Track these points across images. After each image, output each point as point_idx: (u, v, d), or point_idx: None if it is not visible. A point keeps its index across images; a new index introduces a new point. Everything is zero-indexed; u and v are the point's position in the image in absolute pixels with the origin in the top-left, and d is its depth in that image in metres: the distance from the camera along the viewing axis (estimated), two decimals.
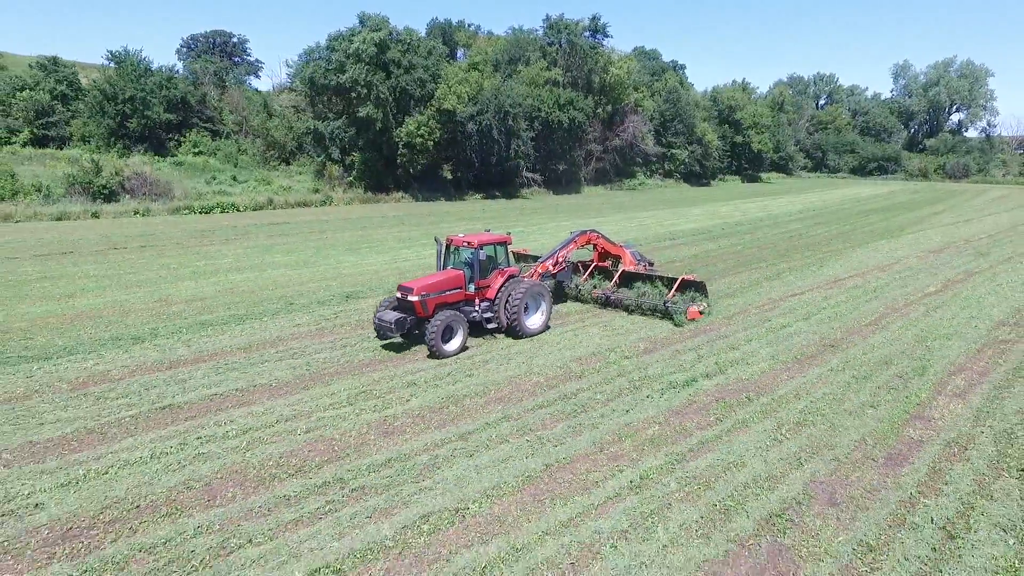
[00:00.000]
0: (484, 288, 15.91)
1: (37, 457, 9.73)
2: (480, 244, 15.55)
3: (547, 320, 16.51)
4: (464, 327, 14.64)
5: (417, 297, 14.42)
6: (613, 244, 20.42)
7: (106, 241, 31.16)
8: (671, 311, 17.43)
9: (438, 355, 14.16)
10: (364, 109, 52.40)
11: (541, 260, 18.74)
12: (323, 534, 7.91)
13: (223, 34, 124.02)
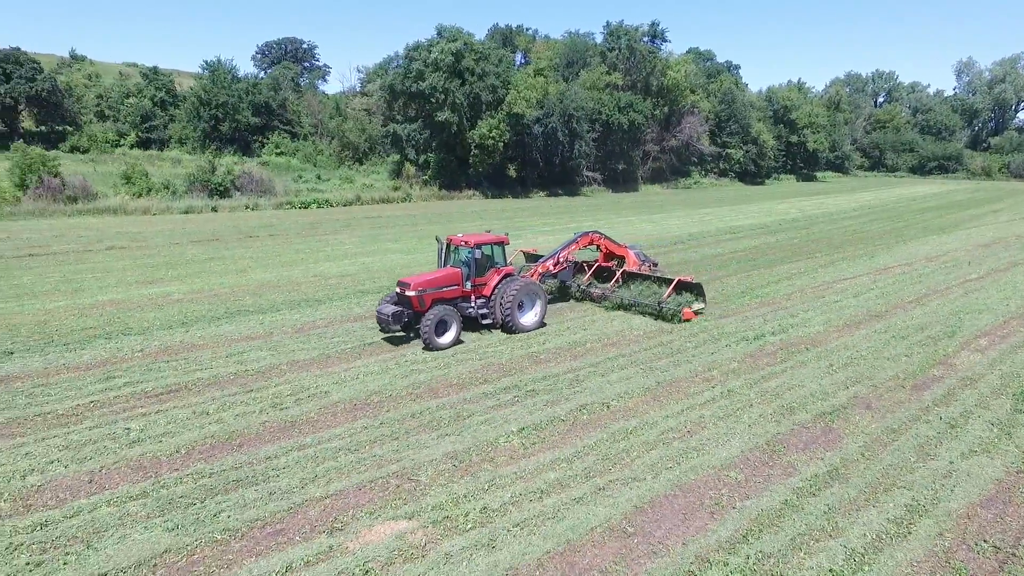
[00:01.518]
0: (481, 286, 16.68)
1: (321, 365, 14.18)
2: (476, 244, 16.27)
3: (542, 317, 17.23)
4: (458, 321, 15.61)
5: (414, 292, 15.41)
6: (617, 245, 21.00)
7: (239, 231, 36.48)
8: (665, 311, 18.02)
9: (431, 347, 15.17)
10: (442, 114, 57.02)
11: (542, 260, 19.63)
12: (518, 412, 12.00)
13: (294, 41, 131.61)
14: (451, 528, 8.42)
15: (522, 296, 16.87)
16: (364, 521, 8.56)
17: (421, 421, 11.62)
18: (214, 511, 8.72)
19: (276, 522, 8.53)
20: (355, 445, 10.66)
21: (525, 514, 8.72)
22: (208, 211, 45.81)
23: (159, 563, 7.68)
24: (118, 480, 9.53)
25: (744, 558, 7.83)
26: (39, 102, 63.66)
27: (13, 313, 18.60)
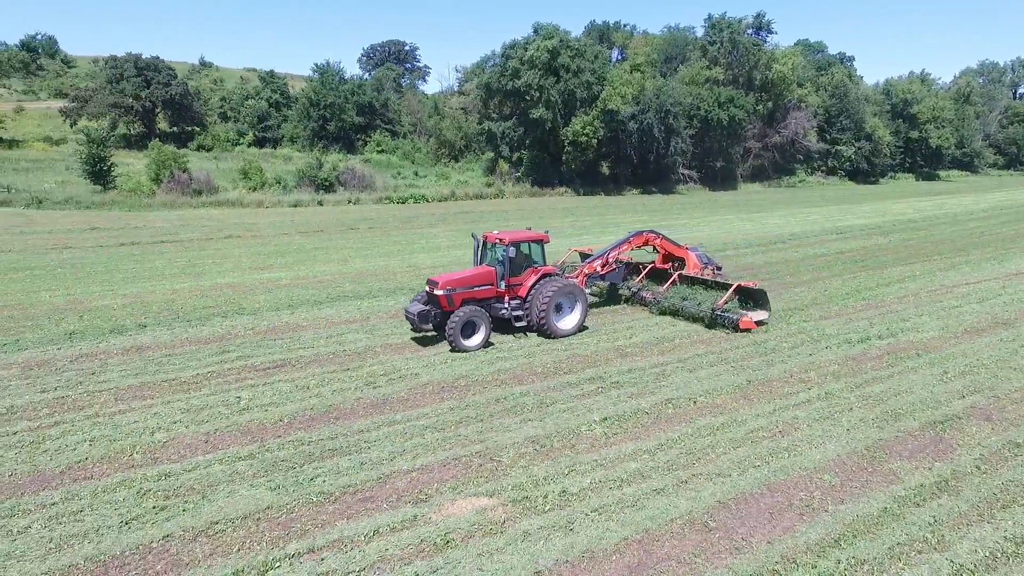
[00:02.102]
0: (516, 286, 15.77)
1: (413, 349, 14.84)
2: (511, 241, 15.47)
3: (582, 321, 16.13)
4: (487, 323, 14.82)
5: (442, 291, 14.78)
6: (677, 246, 19.38)
7: (341, 223, 38.55)
8: (720, 320, 16.41)
9: (458, 349, 14.52)
10: (536, 111, 57.43)
11: (588, 260, 18.40)
12: (601, 402, 11.99)
13: (397, 43, 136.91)
14: (530, 508, 8.58)
15: (560, 297, 15.79)
16: (447, 495, 8.89)
17: (505, 406, 11.86)
18: (311, 475, 9.36)
19: (366, 490, 9.03)
20: (441, 424, 11.06)
21: (604, 500, 8.72)
22: (314, 205, 48.65)
23: (262, 517, 8.35)
24: (230, 442, 10.43)
25: (835, 562, 7.45)
26: (173, 105, 69.99)
27: (147, 292, 20.69)
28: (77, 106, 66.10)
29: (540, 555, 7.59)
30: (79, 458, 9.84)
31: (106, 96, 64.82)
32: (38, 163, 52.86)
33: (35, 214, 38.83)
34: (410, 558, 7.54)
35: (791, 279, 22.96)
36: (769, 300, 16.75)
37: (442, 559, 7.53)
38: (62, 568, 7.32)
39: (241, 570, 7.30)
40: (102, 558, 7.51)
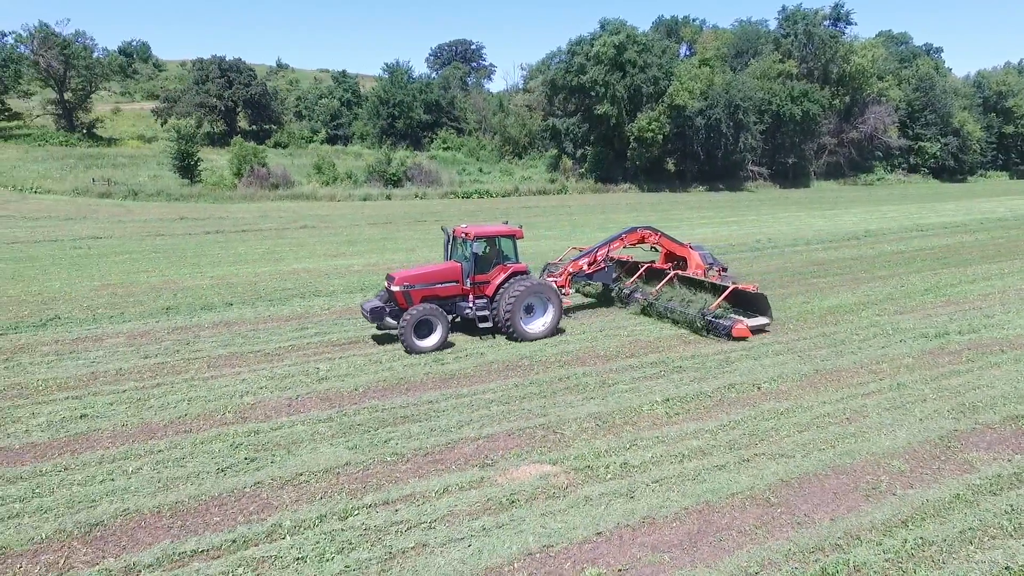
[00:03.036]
0: (483, 284, 14.72)
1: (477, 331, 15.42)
2: (477, 236, 14.44)
3: (555, 324, 14.94)
4: (444, 323, 13.89)
5: (398, 287, 13.97)
6: (677, 244, 18.01)
7: (408, 216, 39.75)
8: (711, 327, 14.90)
9: (411, 351, 13.60)
10: (601, 107, 57.27)
11: (575, 258, 17.20)
12: (663, 384, 12.13)
13: (464, 42, 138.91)
14: (592, 476, 8.87)
15: (529, 298, 14.56)
16: (512, 461, 9.31)
17: (567, 384, 12.18)
18: (385, 438, 9.97)
19: (435, 453, 9.56)
20: (506, 399, 11.50)
21: (664, 473, 8.92)
22: (383, 199, 50.29)
23: (342, 472, 9.00)
24: (310, 406, 11.21)
25: (901, 541, 7.40)
26: (252, 104, 73.61)
27: (231, 275, 22.14)
28: (167, 106, 70.58)
29: (601, 518, 7.88)
30: (179, 414, 10.83)
31: (193, 96, 68.89)
32: (133, 159, 56.84)
33: (131, 205, 41.91)
34: (477, 514, 7.99)
35: (865, 275, 22.19)
36: (770, 306, 15.24)
37: (507, 516, 7.94)
38: (170, 504, 8.17)
39: (324, 515, 7.93)
40: (203, 498, 8.32)
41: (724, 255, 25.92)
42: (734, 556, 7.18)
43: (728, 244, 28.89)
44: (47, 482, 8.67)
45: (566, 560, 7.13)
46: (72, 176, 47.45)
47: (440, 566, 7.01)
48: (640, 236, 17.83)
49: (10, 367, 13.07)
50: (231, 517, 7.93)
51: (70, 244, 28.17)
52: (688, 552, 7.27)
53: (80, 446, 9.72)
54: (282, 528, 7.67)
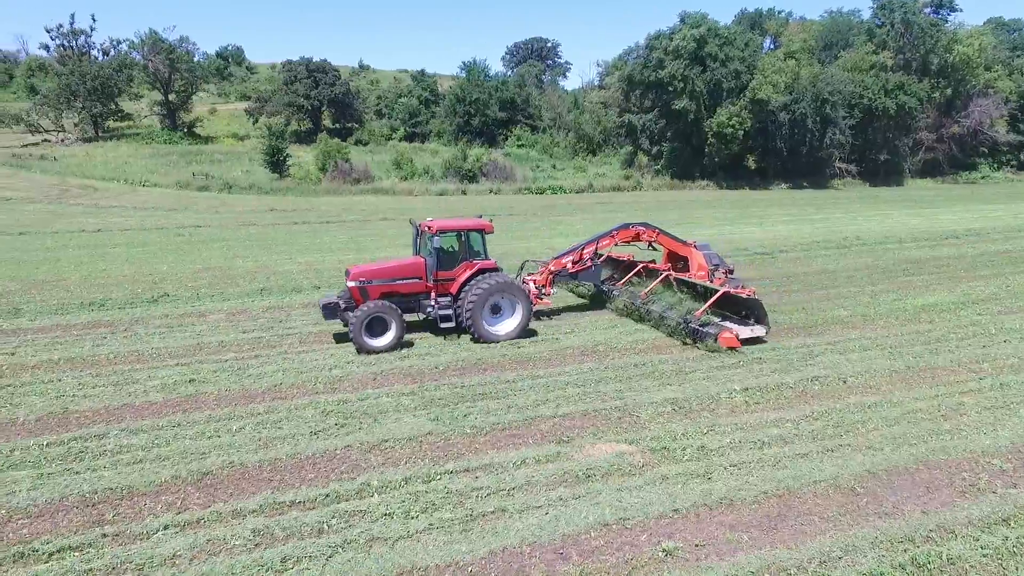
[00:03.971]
0: (447, 281, 13.88)
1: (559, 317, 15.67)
2: (439, 230, 13.65)
3: (523, 327, 13.87)
4: (398, 321, 13.10)
5: (353, 283, 13.44)
6: (678, 242, 16.45)
7: (483, 210, 40.18)
8: (696, 334, 13.37)
9: (363, 350, 12.95)
10: (679, 102, 56.10)
11: (558, 255, 16.06)
12: (743, 374, 11.95)
13: (540, 40, 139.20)
14: (668, 457, 8.90)
15: (494, 297, 13.60)
16: (588, 439, 9.46)
17: (643, 371, 12.20)
18: (464, 412, 10.35)
19: (513, 428, 9.84)
20: (582, 382, 11.65)
21: (743, 458, 8.83)
22: (458, 194, 51.29)
23: (424, 441, 9.43)
24: (393, 381, 11.75)
25: (1001, 539, 7.04)
26: (336, 103, 76.73)
27: (318, 261, 23.34)
28: (258, 106, 74.67)
29: (678, 496, 7.92)
30: (275, 383, 11.63)
31: (282, 97, 72.55)
32: (228, 155, 60.50)
33: (226, 197, 44.72)
34: (554, 485, 8.20)
35: (965, 274, 20.83)
36: (767, 313, 13.52)
37: (584, 489, 8.11)
38: (270, 460, 8.83)
39: (409, 478, 8.37)
40: (298, 457, 8.94)
41: (806, 252, 25.05)
42: (816, 541, 7.06)
43: (811, 240, 27.78)
44: (163, 435, 9.55)
45: (642, 532, 7.23)
46: (175, 171, 51.09)
47: (519, 529, 7.27)
48: (634, 233, 16.30)
49: (128, 337, 14.38)
50: (324, 475, 8.50)
51: (174, 232, 30.45)
52: (767, 533, 7.21)
53: (190, 406, 10.63)
54: (370, 487, 8.15)
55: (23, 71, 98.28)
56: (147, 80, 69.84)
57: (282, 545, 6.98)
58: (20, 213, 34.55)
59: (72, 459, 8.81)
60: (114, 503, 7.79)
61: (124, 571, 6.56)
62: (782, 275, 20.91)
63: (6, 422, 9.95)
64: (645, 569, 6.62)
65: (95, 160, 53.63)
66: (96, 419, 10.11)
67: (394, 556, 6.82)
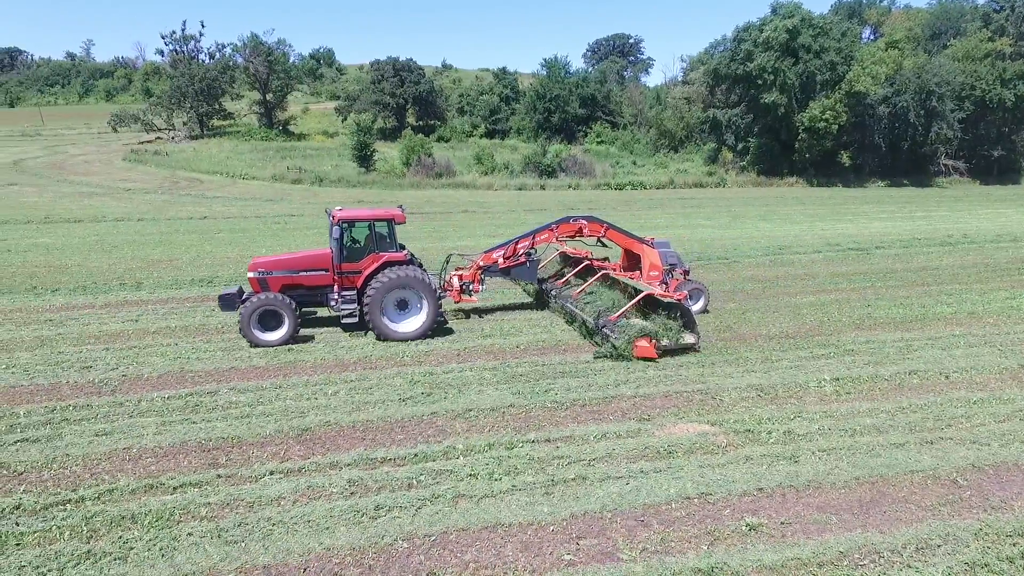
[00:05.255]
0: (352, 274, 13.08)
1: None
2: (341, 220, 13.00)
3: (429, 325, 12.93)
4: (291, 315, 12.46)
5: (253, 273, 12.83)
6: (630, 237, 14.99)
7: (562, 204, 40.51)
8: (608, 337, 12.01)
9: (252, 343, 12.43)
10: (768, 96, 53.97)
11: (488, 249, 14.95)
12: (833, 365, 11.54)
13: (622, 36, 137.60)
14: (752, 439, 8.76)
15: (399, 292, 12.72)
16: (669, 418, 9.45)
17: (727, 358, 11.99)
18: (545, 388, 10.56)
19: (593, 405, 9.96)
20: (662, 365, 11.59)
21: (832, 444, 8.57)
22: (537, 188, 51.55)
23: (506, 412, 9.71)
24: (476, 357, 12.13)
25: None
26: (420, 101, 78.92)
27: None
28: (347, 105, 77.94)
29: (763, 476, 7.80)
30: (366, 354, 12.26)
31: (369, 95, 75.41)
32: (318, 151, 63.54)
33: (317, 189, 47.00)
34: (635, 459, 8.27)
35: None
36: (696, 321, 12.26)
37: (665, 464, 8.13)
38: (362, 421, 9.38)
39: (492, 444, 8.66)
40: (389, 420, 9.43)
41: (905, 248, 23.68)
42: (912, 528, 6.80)
43: (911, 237, 26.13)
44: (267, 395, 10.32)
45: (725, 507, 7.19)
46: (271, 165, 54.17)
47: (599, 496, 7.40)
48: (576, 227, 14.92)
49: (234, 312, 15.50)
50: (412, 437, 8.93)
51: (271, 220, 32.39)
52: (858, 517, 6.99)
53: (289, 371, 11.40)
54: (456, 450, 8.51)
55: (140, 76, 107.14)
56: (247, 81, 74.36)
57: (375, 495, 7.43)
58: (138, 202, 37.74)
59: (189, 411, 9.69)
60: (226, 450, 8.52)
61: (236, 507, 7.20)
62: (878, 271, 19.85)
63: (134, 377, 11.04)
64: (728, 541, 6.59)
65: (201, 155, 57.73)
66: (208, 378, 11.04)
67: (479, 512, 7.12)
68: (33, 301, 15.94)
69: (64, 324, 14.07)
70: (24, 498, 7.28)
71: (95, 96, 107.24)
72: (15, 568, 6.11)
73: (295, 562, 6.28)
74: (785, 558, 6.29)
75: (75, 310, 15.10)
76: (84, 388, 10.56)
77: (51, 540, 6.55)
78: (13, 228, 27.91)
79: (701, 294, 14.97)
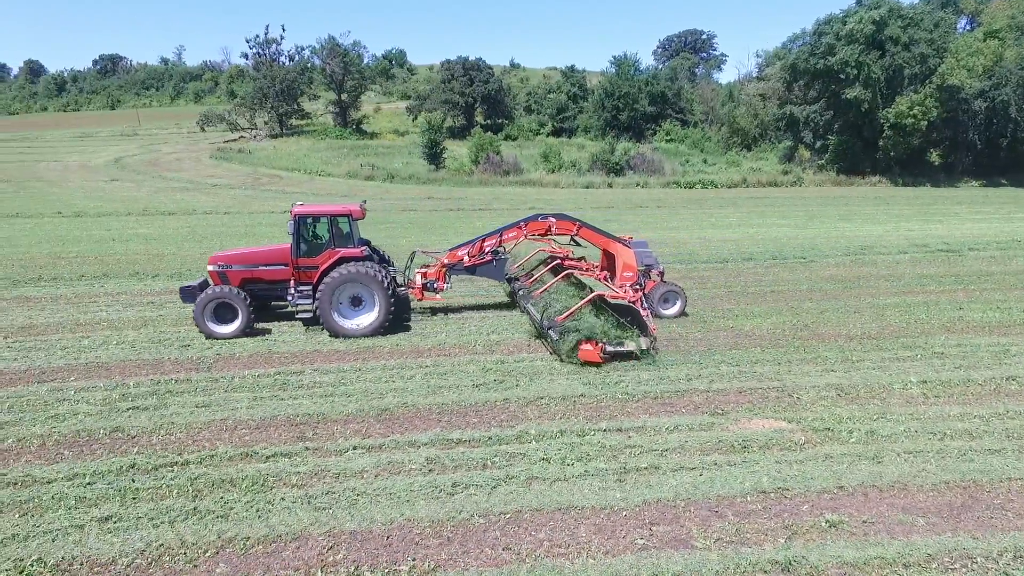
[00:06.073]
0: (309, 269, 13.11)
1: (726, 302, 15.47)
2: (298, 215, 13.04)
3: (380, 322, 12.82)
4: (243, 308, 12.62)
5: (212, 267, 13.13)
6: (604, 236, 14.27)
7: (630, 202, 40.17)
8: (552, 339, 11.75)
9: (207, 336, 12.67)
10: (851, 91, 51.55)
11: (454, 247, 14.61)
12: (920, 367, 11.04)
13: (694, 32, 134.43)
14: (832, 438, 8.53)
15: (351, 288, 12.72)
16: (743, 414, 9.32)
17: (805, 356, 11.68)
18: (616, 380, 10.60)
19: (665, 397, 9.94)
20: (736, 361, 11.43)
21: (919, 447, 8.23)
22: (604, 186, 51.21)
23: (577, 401, 9.83)
24: (546, 348, 12.28)
25: None
26: (488, 100, 79.82)
27: None
28: (417, 104, 79.83)
29: (844, 475, 7.60)
30: (440, 342, 12.67)
31: (440, 94, 76.92)
32: (390, 149, 65.36)
33: (389, 186, 48.40)
34: (709, 451, 8.22)
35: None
36: (648, 325, 11.75)
37: (739, 458, 8.04)
38: (438, 404, 9.71)
39: (564, 431, 8.81)
40: (463, 404, 9.73)
41: (1003, 250, 22.30)
42: (1010, 535, 6.49)
43: (1011, 239, 24.44)
44: (347, 376, 10.84)
45: (803, 503, 7.06)
46: (345, 163, 56.16)
47: (673, 485, 7.42)
48: (545, 226, 14.38)
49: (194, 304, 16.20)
50: (486, 421, 9.19)
51: None
52: (948, 520, 6.73)
53: (368, 356, 11.91)
54: (528, 435, 8.70)
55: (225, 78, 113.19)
56: (324, 82, 77.31)
57: (452, 473, 7.72)
58: (224, 197, 40.00)
59: (278, 388, 10.31)
60: (312, 425, 9.03)
61: (323, 476, 7.64)
62: (971, 273, 18.74)
63: (227, 356, 11.83)
64: (807, 536, 6.49)
65: (280, 153, 60.47)
66: (294, 360, 11.69)
67: (552, 494, 7.28)
68: (136, 285, 17.27)
69: (164, 307, 15.19)
70: (138, 459, 7.98)
71: (185, 98, 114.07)
72: (133, 517, 6.73)
73: (379, 530, 6.62)
74: (868, 556, 6.14)
75: (173, 294, 16.18)
76: (184, 364, 11.41)
77: (162, 496, 7.17)
78: (116, 219, 30.21)
79: (677, 297, 14.31)
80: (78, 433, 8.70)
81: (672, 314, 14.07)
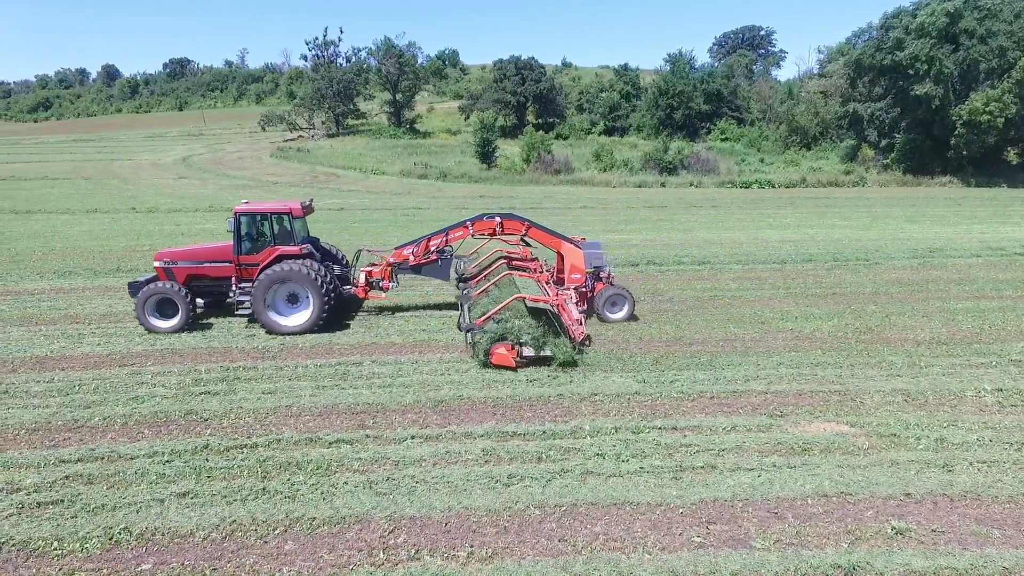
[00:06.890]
0: (250, 267, 13.23)
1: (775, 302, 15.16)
2: (239, 213, 13.26)
3: (315, 320, 12.86)
4: (183, 304, 12.89)
5: (158, 263, 13.45)
6: (553, 236, 14.09)
7: (684, 202, 39.55)
8: (468, 340, 11.64)
9: (147, 329, 12.98)
10: (920, 87, 49.28)
11: (400, 246, 14.46)
12: (994, 374, 10.53)
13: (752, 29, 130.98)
14: (898, 443, 8.27)
15: (286, 286, 12.75)
16: (803, 416, 9.12)
17: (868, 360, 11.32)
18: (671, 379, 10.52)
19: (721, 398, 9.81)
20: (795, 363, 11.17)
21: (995, 456, 7.89)
22: (657, 186, 50.58)
23: (631, 399, 9.81)
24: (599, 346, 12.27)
25: None
26: (540, 99, 79.82)
27: None
28: (470, 104, 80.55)
29: (911, 482, 7.36)
30: None
31: (492, 93, 77.42)
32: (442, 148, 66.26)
33: (441, 184, 49.10)
34: (767, 453, 8.09)
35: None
36: (577, 330, 11.42)
37: (799, 460, 7.89)
38: (493, 397, 9.87)
39: (619, 427, 8.81)
40: (517, 398, 9.85)
41: None
42: None
43: None
44: (404, 368, 11.12)
45: (868, 509, 6.88)
46: (399, 161, 57.26)
47: (730, 485, 7.35)
48: (489, 226, 14.28)
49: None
50: (540, 415, 9.29)
51: (400, 212, 34.35)
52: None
53: (423, 349, 12.18)
54: (583, 430, 8.75)
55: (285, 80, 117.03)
56: (379, 82, 78.95)
57: (507, 465, 7.85)
58: (284, 194, 41.38)
59: (339, 378, 10.67)
60: (372, 414, 9.32)
61: (384, 463, 7.89)
62: None
63: (290, 346, 12.32)
64: (871, 542, 6.32)
65: (337, 152, 62.14)
66: (353, 351, 12.07)
67: (607, 489, 7.31)
68: None
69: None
70: (211, 440, 8.42)
71: (247, 99, 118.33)
72: (208, 494, 7.13)
73: (437, 517, 6.81)
74: (937, 566, 5.94)
75: None
76: (251, 353, 11.93)
77: (233, 476, 7.56)
78: (184, 215, 31.71)
79: (624, 301, 13.79)
80: (156, 414, 9.24)
81: (619, 318, 13.67)
